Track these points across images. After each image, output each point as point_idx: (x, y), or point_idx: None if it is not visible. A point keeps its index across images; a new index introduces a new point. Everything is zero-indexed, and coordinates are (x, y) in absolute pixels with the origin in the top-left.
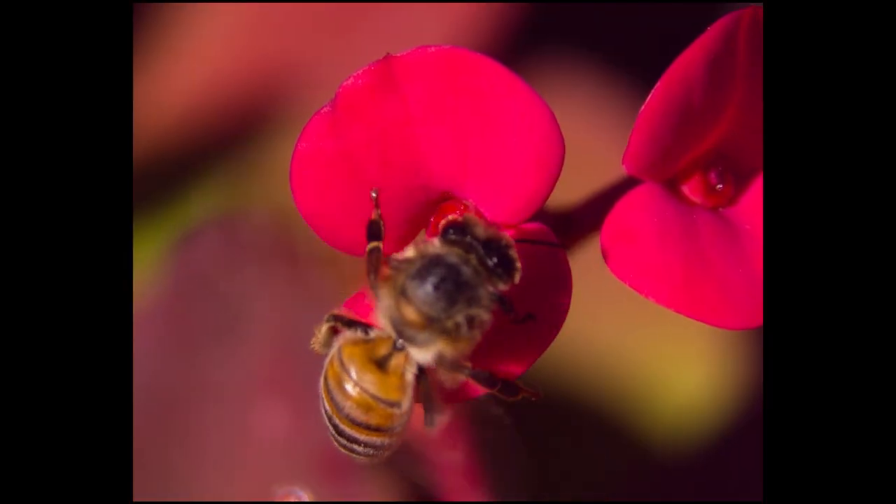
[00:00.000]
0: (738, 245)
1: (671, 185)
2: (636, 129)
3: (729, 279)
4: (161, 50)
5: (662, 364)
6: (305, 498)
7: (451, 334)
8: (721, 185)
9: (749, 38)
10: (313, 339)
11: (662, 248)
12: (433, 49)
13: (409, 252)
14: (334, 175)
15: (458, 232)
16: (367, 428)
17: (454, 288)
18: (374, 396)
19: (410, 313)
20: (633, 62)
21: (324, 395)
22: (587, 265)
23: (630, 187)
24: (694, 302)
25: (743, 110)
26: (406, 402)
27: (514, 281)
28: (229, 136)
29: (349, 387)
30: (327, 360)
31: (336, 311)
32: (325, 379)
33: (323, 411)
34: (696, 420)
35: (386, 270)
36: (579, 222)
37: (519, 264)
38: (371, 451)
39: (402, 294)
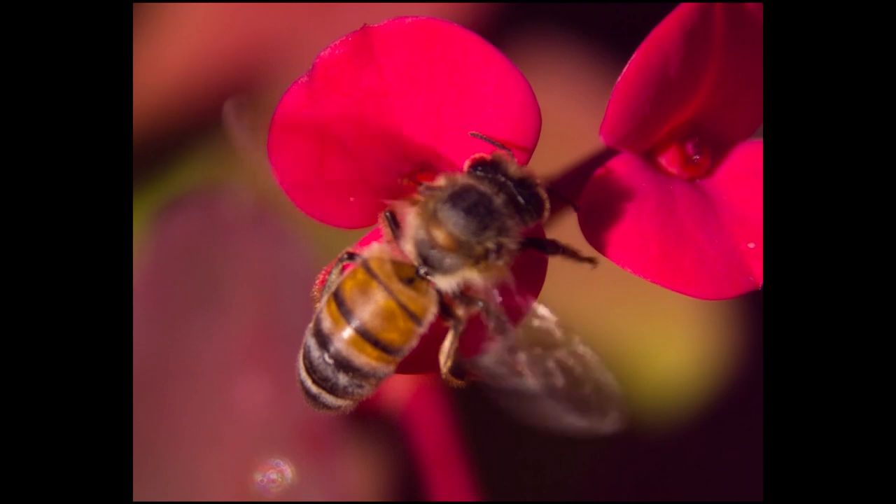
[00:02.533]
0: (715, 216)
1: (648, 157)
2: (613, 99)
3: (706, 250)
4: (144, 28)
5: (643, 341)
6: (286, 471)
7: (478, 260)
8: (698, 157)
9: (726, 10)
10: (315, 287)
11: (639, 219)
12: (409, 20)
13: (440, 181)
14: (311, 145)
15: (486, 169)
16: (376, 345)
17: (486, 213)
18: (401, 304)
19: (441, 236)
20: (611, 38)
21: (327, 314)
22: (564, 239)
23: (607, 159)
24: (671, 272)
25: (720, 81)
26: (425, 325)
27: (542, 219)
28: (212, 114)
29: (377, 292)
30: (341, 276)
31: (350, 249)
32: (339, 293)
33: (313, 339)
34: (678, 396)
35: (416, 195)
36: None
37: (548, 203)
38: (353, 388)
39: (433, 216)
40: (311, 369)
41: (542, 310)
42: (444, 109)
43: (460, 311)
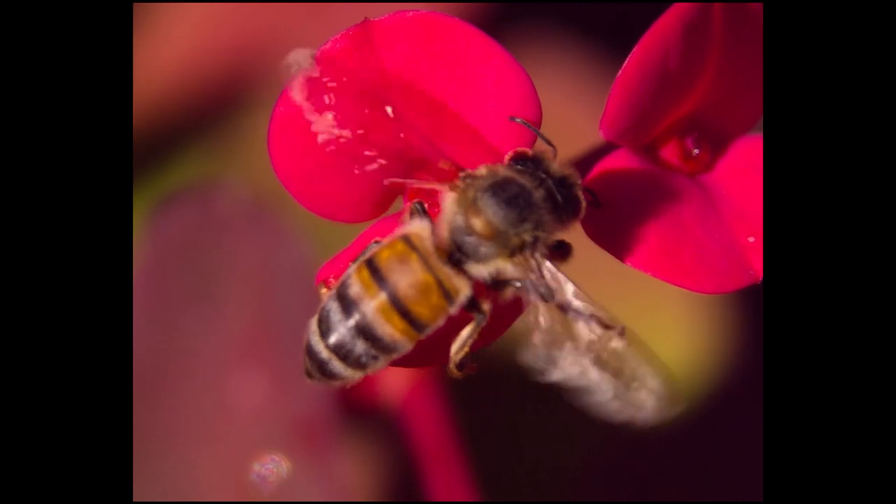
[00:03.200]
0: (715, 210)
1: (648, 152)
2: (613, 93)
3: (705, 244)
4: (140, 24)
5: (643, 336)
6: (283, 466)
7: (513, 252)
8: (697, 151)
9: (726, 4)
10: (316, 282)
11: (639, 214)
12: (410, 14)
13: (481, 170)
14: (312, 139)
15: (528, 163)
16: (404, 316)
17: (525, 205)
18: (438, 280)
19: (479, 223)
20: (609, 35)
21: (356, 280)
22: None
23: (606, 153)
24: (670, 266)
25: (719, 76)
26: (455, 306)
27: (575, 220)
28: (208, 110)
29: (416, 264)
30: (378, 246)
31: (378, 239)
32: (374, 261)
33: (336, 303)
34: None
35: (456, 182)
36: None
37: (584, 205)
38: (367, 359)
39: (472, 204)
40: (327, 333)
41: (578, 301)
42: (444, 103)
43: (486, 306)
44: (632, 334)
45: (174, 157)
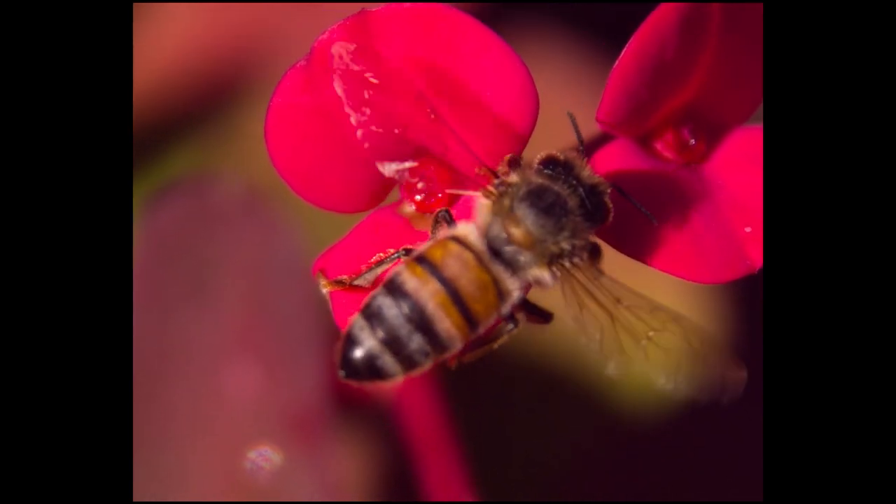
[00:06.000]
0: (711, 200)
1: (644, 142)
2: (610, 84)
3: (703, 234)
4: (136, 17)
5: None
6: (276, 458)
7: (551, 260)
8: (694, 141)
9: None
10: (312, 274)
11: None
12: (407, 4)
13: (512, 177)
14: (309, 130)
15: (558, 169)
16: (462, 311)
17: (562, 213)
18: (494, 280)
19: (518, 233)
20: (605, 27)
21: (410, 276)
22: None
23: (603, 144)
24: (667, 256)
25: (716, 66)
26: (507, 306)
27: (603, 226)
28: (202, 103)
29: (473, 263)
30: (425, 245)
31: (408, 246)
32: (427, 259)
33: (388, 298)
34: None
35: (489, 190)
36: None
37: (611, 213)
38: (418, 355)
39: (509, 213)
40: (380, 327)
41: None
42: (441, 93)
43: (520, 315)
44: (679, 317)
45: (169, 150)
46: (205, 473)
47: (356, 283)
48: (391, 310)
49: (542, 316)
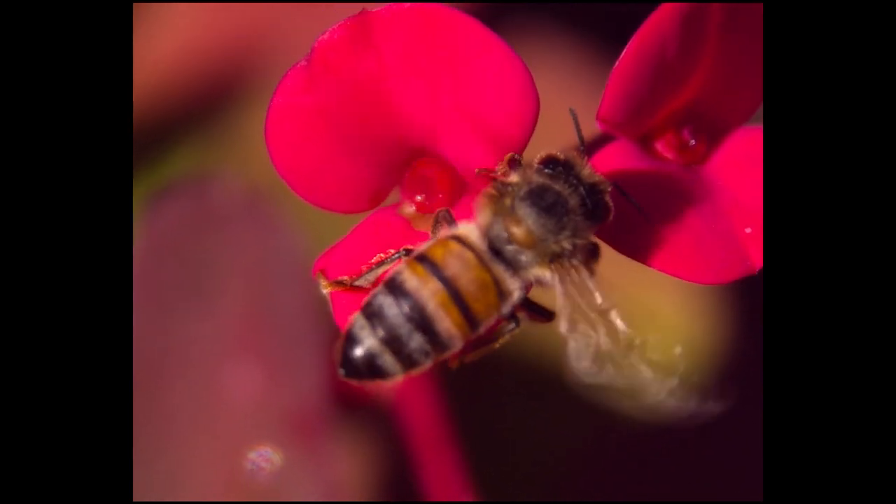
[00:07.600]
0: (711, 201)
1: (644, 143)
2: (610, 84)
3: (703, 235)
4: (136, 18)
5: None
6: (276, 458)
7: (552, 259)
8: (694, 142)
9: None
10: (313, 275)
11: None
12: (408, 5)
13: (513, 177)
14: (309, 129)
15: (558, 168)
16: (462, 310)
17: (563, 213)
18: (495, 279)
19: (519, 232)
20: (606, 28)
21: (411, 275)
22: None
23: (603, 145)
24: (667, 256)
25: (716, 67)
26: (507, 307)
27: (602, 225)
28: (202, 103)
29: (474, 262)
30: (425, 245)
31: (408, 247)
32: (428, 258)
33: (388, 297)
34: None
35: (490, 190)
36: None
37: (612, 212)
38: (418, 355)
39: (510, 212)
40: (380, 325)
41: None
42: (442, 94)
43: (521, 314)
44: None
45: (169, 150)
46: (205, 473)
47: (357, 283)
48: (392, 309)
49: (543, 315)
